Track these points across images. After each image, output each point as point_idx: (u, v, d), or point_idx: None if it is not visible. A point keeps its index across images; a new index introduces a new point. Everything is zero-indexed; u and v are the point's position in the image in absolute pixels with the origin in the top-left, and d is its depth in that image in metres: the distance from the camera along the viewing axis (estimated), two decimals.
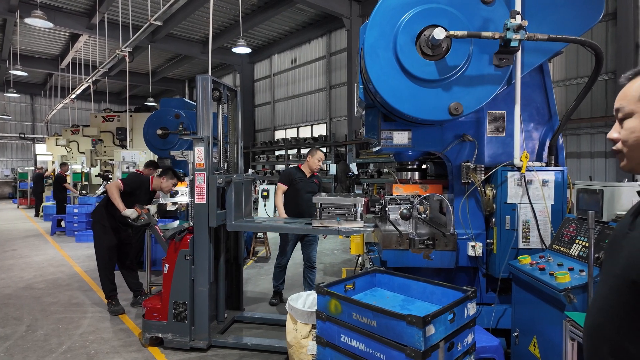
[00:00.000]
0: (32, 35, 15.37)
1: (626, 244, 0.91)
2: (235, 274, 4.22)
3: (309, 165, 4.65)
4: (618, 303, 0.89)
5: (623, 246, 0.91)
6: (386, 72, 2.65)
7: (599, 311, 0.95)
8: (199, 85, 3.49)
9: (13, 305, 4.64)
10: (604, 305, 0.94)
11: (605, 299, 0.94)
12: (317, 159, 4.61)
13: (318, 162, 4.63)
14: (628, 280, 0.86)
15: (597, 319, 0.95)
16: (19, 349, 3.52)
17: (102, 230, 4.34)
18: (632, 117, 0.92)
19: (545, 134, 3.14)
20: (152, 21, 8.04)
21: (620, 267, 0.89)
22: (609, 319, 0.91)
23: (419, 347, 1.81)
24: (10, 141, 23.52)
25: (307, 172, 4.66)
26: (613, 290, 0.91)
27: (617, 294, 0.89)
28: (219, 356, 3.40)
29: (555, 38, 2.64)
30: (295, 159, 14.93)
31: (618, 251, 0.93)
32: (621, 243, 0.93)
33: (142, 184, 4.45)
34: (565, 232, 2.63)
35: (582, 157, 8.77)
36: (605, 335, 0.91)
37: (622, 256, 0.90)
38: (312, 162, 4.63)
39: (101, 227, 4.35)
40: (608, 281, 0.94)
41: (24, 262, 6.81)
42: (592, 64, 3.22)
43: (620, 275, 0.89)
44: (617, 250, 0.94)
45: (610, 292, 0.92)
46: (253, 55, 17.04)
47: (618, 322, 0.88)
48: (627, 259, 0.88)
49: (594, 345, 0.94)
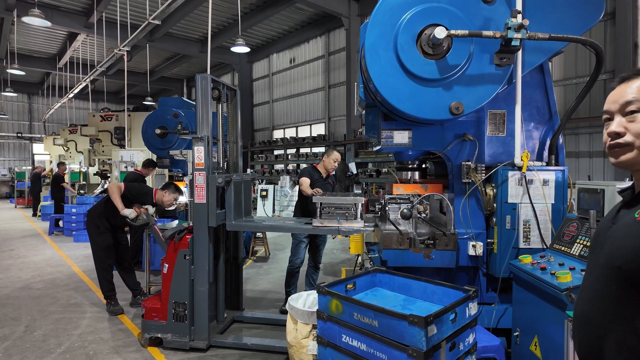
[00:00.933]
0: (29, 34, 15.30)
1: (609, 236, 0.96)
2: (235, 273, 4.20)
3: (325, 166, 4.52)
4: (604, 291, 0.93)
5: (607, 238, 0.97)
6: (387, 72, 2.64)
7: (586, 302, 0.99)
8: (199, 84, 3.48)
9: (11, 305, 4.62)
10: (591, 295, 0.98)
11: (592, 289, 0.98)
12: (332, 159, 4.47)
13: (334, 162, 4.49)
14: (612, 267, 0.91)
15: (585, 308, 0.99)
16: (17, 349, 3.50)
17: (96, 230, 4.32)
18: None
19: (546, 134, 3.14)
20: (151, 20, 8.01)
21: (605, 257, 0.95)
22: (597, 306, 0.95)
23: (421, 347, 1.80)
24: (8, 140, 23.43)
25: (323, 172, 4.54)
26: (598, 279, 0.96)
27: (602, 282, 0.94)
28: (218, 356, 3.38)
29: (556, 37, 2.63)
30: (294, 159, 14.92)
31: (602, 244, 0.98)
32: (605, 236, 0.98)
33: (147, 197, 4.41)
34: (566, 232, 2.63)
35: (580, 157, 8.79)
36: (595, 322, 0.95)
37: (606, 247, 0.95)
38: (327, 162, 4.49)
39: (95, 227, 4.33)
40: (593, 272, 1.00)
41: (21, 262, 6.77)
42: (590, 63, 3.22)
43: (605, 264, 0.94)
44: (601, 243, 0.99)
45: (595, 281, 0.97)
46: (251, 54, 17.01)
47: (605, 309, 0.92)
48: (610, 248, 0.94)
49: (585, 335, 0.98)
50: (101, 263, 4.34)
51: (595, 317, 0.95)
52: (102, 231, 4.32)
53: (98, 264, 4.36)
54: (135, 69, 19.44)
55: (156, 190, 4.51)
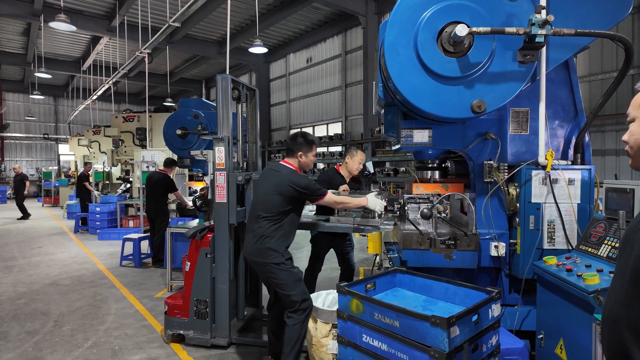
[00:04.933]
0: (55, 39, 15.81)
1: (638, 238, 0.96)
2: (254, 271, 4.25)
3: (348, 169, 4.02)
4: (633, 292, 0.94)
5: (636, 240, 0.96)
6: (407, 70, 2.62)
7: (615, 303, 0.99)
8: (219, 84, 3.52)
9: (41, 300, 4.80)
10: (620, 297, 0.98)
11: (621, 291, 0.98)
12: (358, 161, 3.97)
13: (359, 163, 3.98)
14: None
15: (614, 310, 0.99)
16: (47, 343, 3.64)
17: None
18: (635, 122, 1.06)
19: (571, 132, 3.06)
20: (171, 22, 8.16)
21: (634, 259, 0.94)
22: (626, 308, 0.95)
23: (444, 349, 1.79)
24: (35, 142, 24.29)
25: (346, 175, 4.08)
26: (628, 281, 0.96)
27: (631, 284, 0.94)
28: (239, 353, 3.43)
29: (582, 33, 2.56)
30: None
31: (631, 246, 0.98)
32: (634, 238, 0.98)
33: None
34: (593, 233, 2.55)
35: (606, 155, 8.51)
36: (623, 324, 0.95)
37: (635, 249, 0.95)
38: (352, 164, 3.95)
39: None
40: (622, 274, 0.99)
41: (49, 259, 7.02)
42: (617, 58, 3.12)
43: (634, 266, 0.94)
44: (630, 245, 0.99)
45: (625, 283, 0.97)
46: (269, 54, 17.11)
47: (635, 311, 0.92)
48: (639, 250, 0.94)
49: (614, 335, 0.98)
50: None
51: (625, 319, 0.94)
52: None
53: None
54: (155, 70, 19.84)
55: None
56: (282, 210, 2.84)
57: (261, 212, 2.86)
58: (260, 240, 2.82)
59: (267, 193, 2.88)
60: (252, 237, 2.87)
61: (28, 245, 8.23)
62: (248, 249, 2.91)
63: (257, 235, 2.84)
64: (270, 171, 3.00)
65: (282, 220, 2.85)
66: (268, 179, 2.96)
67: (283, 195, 2.82)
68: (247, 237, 2.96)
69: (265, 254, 2.80)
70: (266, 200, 2.87)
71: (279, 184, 2.84)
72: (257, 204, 2.95)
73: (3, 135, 22.39)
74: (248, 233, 2.96)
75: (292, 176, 2.86)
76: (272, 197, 2.84)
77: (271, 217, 2.83)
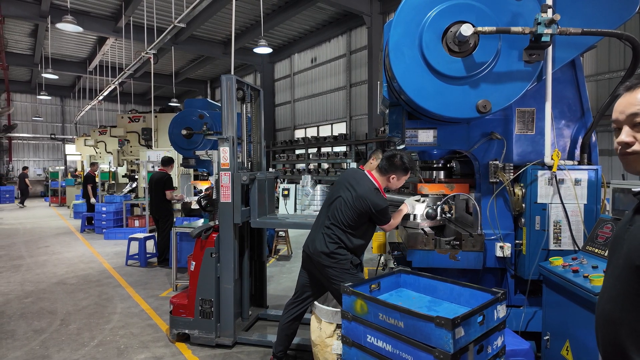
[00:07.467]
0: (62, 40, 15.95)
1: (627, 237, 1.00)
2: (259, 271, 4.26)
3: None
4: (624, 289, 0.97)
5: (625, 239, 1.01)
6: (411, 70, 2.61)
7: (607, 301, 1.02)
8: (224, 85, 3.54)
9: (47, 299, 4.84)
10: (612, 294, 1.01)
11: (612, 289, 1.02)
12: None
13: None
14: (632, 266, 0.94)
15: (607, 307, 1.02)
16: (54, 342, 3.67)
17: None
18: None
19: (578, 131, 3.03)
20: (176, 23, 8.20)
21: (624, 257, 0.98)
22: (619, 306, 0.98)
23: (448, 350, 1.78)
24: (42, 142, 24.53)
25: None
26: (619, 279, 0.99)
27: (622, 281, 0.98)
28: (244, 353, 3.44)
29: (589, 32, 2.54)
30: (315, 158, 14.94)
31: (621, 245, 1.02)
32: (623, 237, 1.02)
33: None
34: (599, 234, 2.53)
35: (613, 155, 8.43)
36: (616, 321, 0.98)
37: (625, 247, 0.99)
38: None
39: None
40: (614, 273, 1.03)
41: (56, 258, 7.08)
42: (625, 57, 3.09)
43: (624, 264, 0.98)
44: (620, 245, 1.03)
45: (616, 281, 1.01)
46: (273, 55, 17.14)
47: (626, 308, 0.96)
48: (629, 248, 0.98)
49: (607, 333, 1.02)
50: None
51: (617, 316, 0.98)
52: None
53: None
54: (161, 71, 19.95)
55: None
56: (356, 223, 2.84)
57: (335, 218, 2.86)
58: (329, 244, 2.83)
59: (345, 201, 2.85)
60: (322, 236, 2.88)
61: (35, 245, 8.31)
62: (315, 247, 2.88)
63: (327, 236, 2.85)
64: (353, 178, 2.94)
65: (355, 229, 2.86)
66: (352, 185, 2.89)
67: (356, 210, 2.81)
68: (316, 235, 2.93)
69: (334, 258, 2.82)
70: (342, 208, 2.85)
71: (358, 197, 2.81)
72: (335, 209, 2.89)
73: (11, 135, 22.62)
74: (317, 231, 2.94)
75: (373, 196, 2.80)
76: (347, 207, 2.84)
77: (345, 226, 2.84)
